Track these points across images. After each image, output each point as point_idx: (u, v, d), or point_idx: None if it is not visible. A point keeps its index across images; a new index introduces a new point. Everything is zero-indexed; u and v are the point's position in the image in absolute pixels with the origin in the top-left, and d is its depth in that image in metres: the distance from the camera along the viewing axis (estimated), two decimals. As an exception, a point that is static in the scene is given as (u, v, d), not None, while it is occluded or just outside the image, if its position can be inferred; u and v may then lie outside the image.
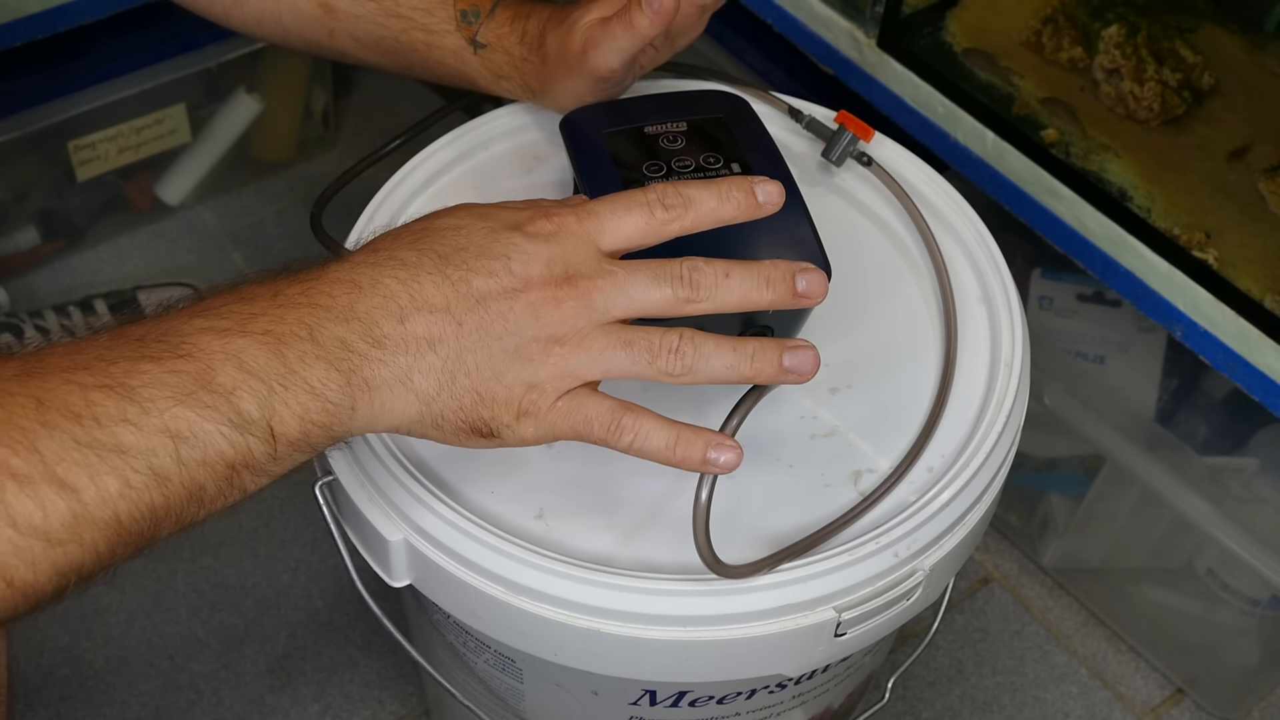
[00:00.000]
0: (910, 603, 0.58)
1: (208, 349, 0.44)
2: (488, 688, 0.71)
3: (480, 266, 0.49)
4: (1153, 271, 0.81)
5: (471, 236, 0.50)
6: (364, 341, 0.47)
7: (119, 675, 1.01)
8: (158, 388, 0.43)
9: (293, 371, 0.46)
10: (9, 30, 1.02)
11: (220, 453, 0.44)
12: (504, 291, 0.49)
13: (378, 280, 0.49)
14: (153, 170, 1.28)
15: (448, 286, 0.49)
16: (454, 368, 0.49)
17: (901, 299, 0.67)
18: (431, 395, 0.49)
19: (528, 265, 0.50)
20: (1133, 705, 1.03)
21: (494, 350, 0.49)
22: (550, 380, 0.50)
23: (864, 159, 0.71)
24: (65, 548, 0.41)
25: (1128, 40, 0.85)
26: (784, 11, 0.99)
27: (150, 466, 0.42)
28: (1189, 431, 0.97)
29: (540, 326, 0.49)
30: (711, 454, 0.50)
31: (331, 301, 0.48)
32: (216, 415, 0.44)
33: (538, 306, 0.49)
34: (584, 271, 0.50)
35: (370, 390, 0.48)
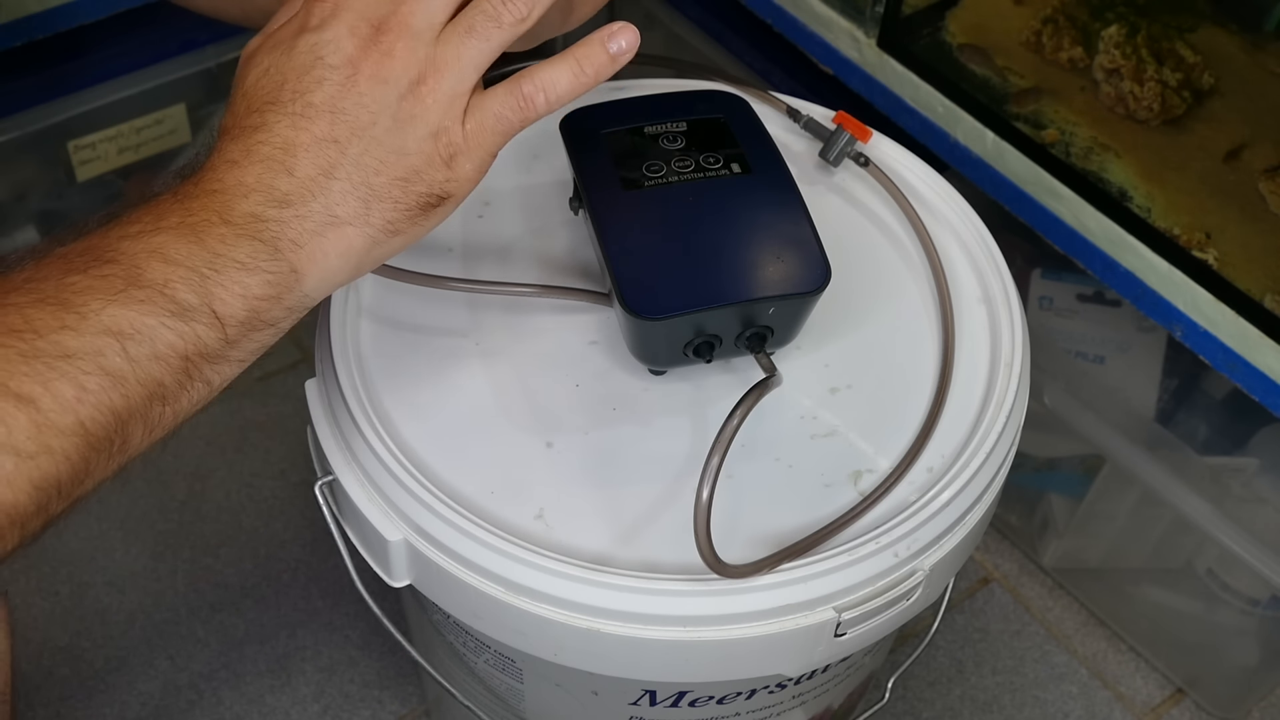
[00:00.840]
0: (910, 603, 0.58)
1: (130, 251, 0.45)
2: (488, 688, 0.71)
3: (307, 84, 0.49)
4: (1153, 271, 0.81)
5: (281, 68, 0.50)
6: (271, 206, 0.48)
7: (119, 675, 1.01)
8: (89, 294, 0.44)
9: (217, 254, 0.46)
10: (9, 30, 1.02)
11: (169, 344, 0.44)
12: (342, 85, 0.49)
13: (248, 149, 0.49)
14: (153, 170, 1.27)
15: (300, 120, 0.49)
16: (363, 176, 0.49)
17: (901, 299, 0.67)
18: (362, 213, 0.49)
19: (340, 48, 0.50)
20: (1133, 705, 1.03)
21: (380, 136, 0.49)
22: (443, 116, 0.50)
23: (862, 159, 0.71)
24: (37, 460, 0.41)
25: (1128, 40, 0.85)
26: (784, 11, 0.99)
27: (100, 367, 0.43)
28: (1189, 431, 0.97)
29: (394, 85, 0.49)
30: (611, 47, 0.54)
31: (222, 184, 0.48)
32: (154, 309, 0.44)
33: (376, 72, 0.49)
34: (383, 11, 0.50)
35: (302, 247, 0.48)
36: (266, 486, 1.12)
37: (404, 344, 0.63)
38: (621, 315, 0.59)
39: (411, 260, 0.65)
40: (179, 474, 1.12)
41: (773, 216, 0.61)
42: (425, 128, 0.50)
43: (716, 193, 0.61)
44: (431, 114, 0.50)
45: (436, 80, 0.50)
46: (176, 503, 1.10)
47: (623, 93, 0.73)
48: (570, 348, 0.64)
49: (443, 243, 0.68)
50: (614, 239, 0.59)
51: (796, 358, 0.64)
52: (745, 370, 0.63)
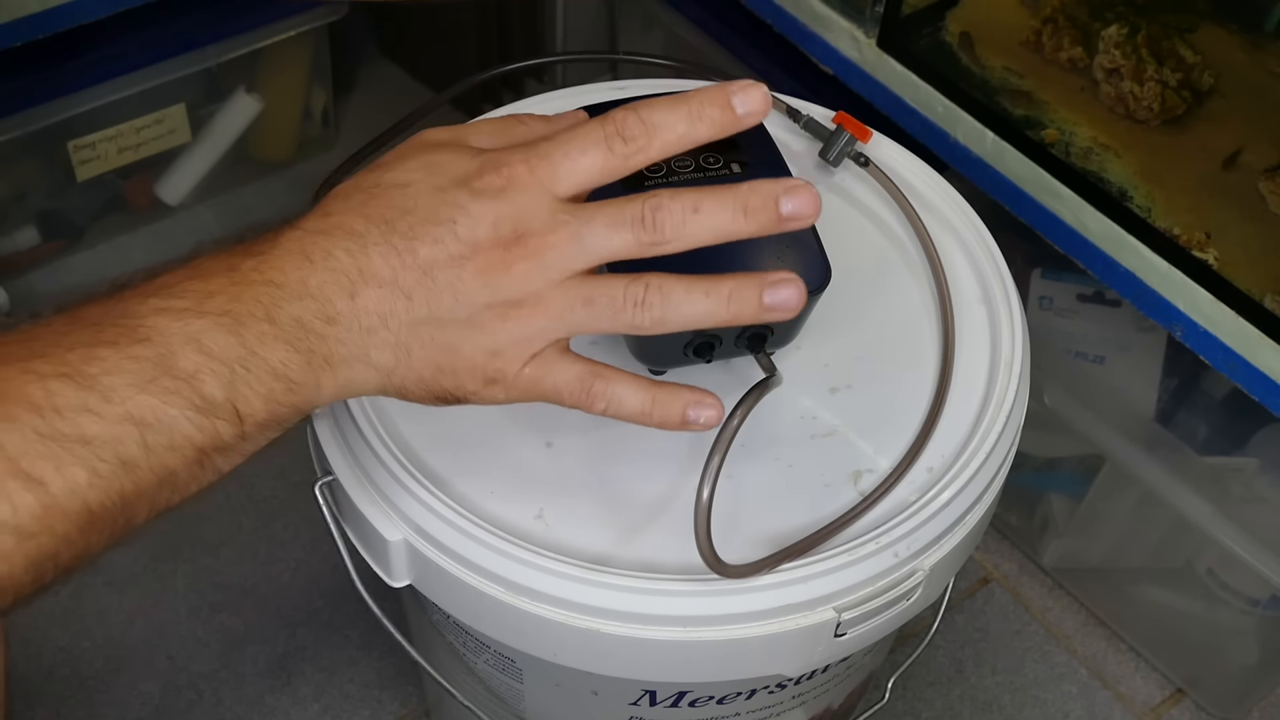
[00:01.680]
0: (910, 603, 0.58)
1: (166, 332, 0.43)
2: (488, 688, 0.71)
3: (426, 233, 0.47)
4: (1153, 271, 0.81)
5: (419, 198, 0.48)
6: (319, 320, 0.46)
7: (119, 675, 1.01)
8: (118, 375, 0.42)
9: (253, 354, 0.45)
10: (9, 30, 1.02)
11: (187, 437, 0.43)
12: (450, 259, 0.47)
13: (329, 252, 0.47)
14: (153, 170, 1.28)
15: (394, 257, 0.47)
16: (408, 341, 0.47)
17: (901, 299, 0.67)
18: (390, 368, 0.48)
19: (474, 228, 0.47)
20: (1133, 705, 1.03)
21: (446, 322, 0.47)
22: (512, 346, 0.48)
23: (861, 159, 0.71)
24: (38, 540, 0.40)
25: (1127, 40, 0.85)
26: (784, 11, 0.99)
27: (117, 455, 0.42)
28: (1189, 431, 0.97)
29: (491, 293, 0.47)
30: (691, 413, 0.50)
31: (284, 278, 0.46)
32: (180, 400, 0.43)
33: (486, 273, 0.47)
34: (535, 228, 0.47)
35: (332, 367, 0.47)
36: (266, 486, 1.12)
37: (404, 344, 0.63)
38: (621, 315, 0.59)
39: (411, 260, 0.65)
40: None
41: (773, 216, 0.61)
42: (489, 343, 0.48)
43: (716, 193, 0.61)
44: (501, 337, 0.48)
45: (529, 316, 0.48)
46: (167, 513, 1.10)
47: (623, 93, 0.73)
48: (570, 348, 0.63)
49: (443, 243, 0.68)
50: (614, 239, 0.59)
51: (796, 358, 0.64)
52: (745, 370, 0.63)
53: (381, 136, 0.71)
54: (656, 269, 0.49)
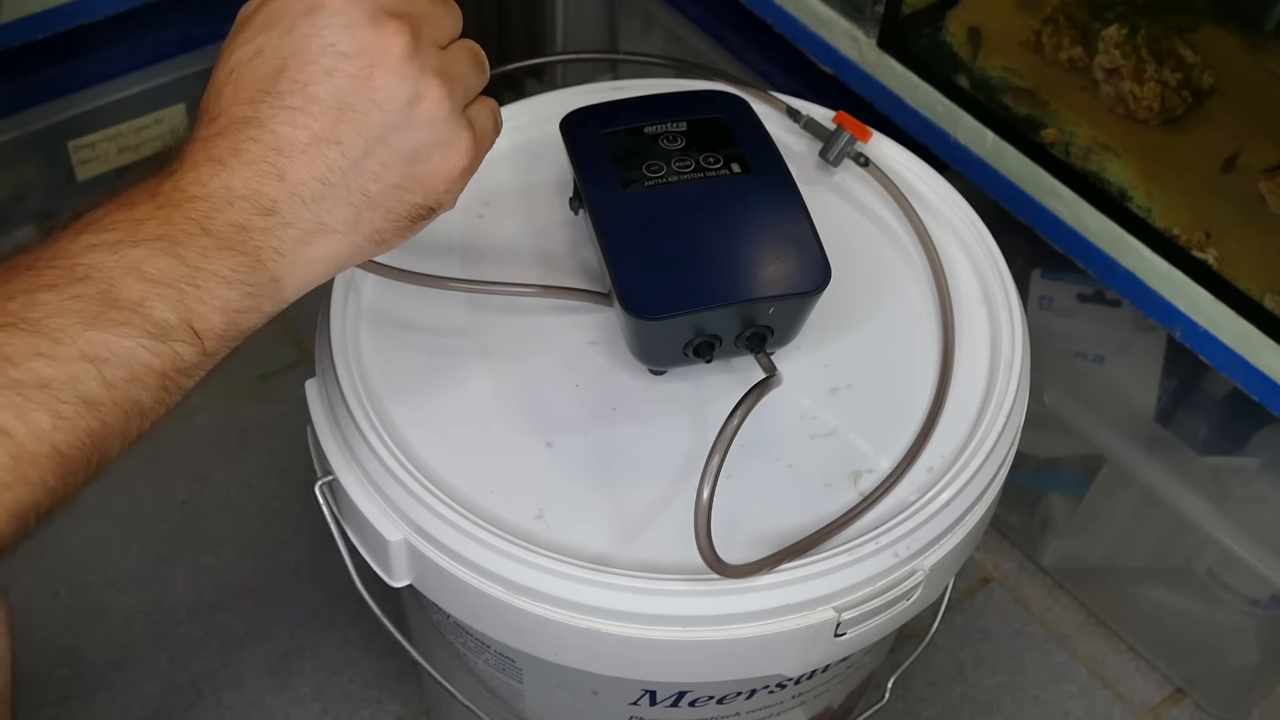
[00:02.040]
0: (910, 603, 0.58)
1: (103, 266, 0.43)
2: (488, 688, 0.71)
3: (311, 73, 0.45)
4: (1153, 271, 0.81)
5: (278, 50, 0.46)
6: (256, 215, 0.45)
7: (119, 675, 1.01)
8: (63, 315, 0.42)
9: (197, 269, 0.44)
10: (9, 30, 1.02)
11: (146, 365, 0.43)
12: (353, 79, 0.46)
13: (234, 149, 0.45)
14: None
15: (300, 116, 0.45)
16: (360, 184, 0.46)
17: (902, 299, 0.67)
18: (353, 222, 0.47)
19: (355, 36, 0.46)
20: (1133, 705, 1.03)
21: (389, 139, 0.46)
22: (454, 121, 0.48)
23: (861, 159, 0.71)
24: (13, 490, 0.40)
25: (1127, 40, 0.85)
26: (784, 11, 0.99)
27: (77, 394, 0.41)
28: (1189, 431, 0.97)
29: (412, 83, 0.46)
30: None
31: (205, 189, 0.45)
32: (131, 330, 0.42)
33: (395, 68, 0.46)
34: (401, 7, 0.47)
35: (285, 255, 0.46)
36: (266, 486, 1.12)
37: (404, 344, 0.63)
38: (621, 315, 0.59)
39: (411, 260, 0.65)
40: (179, 474, 1.12)
41: (773, 216, 0.61)
42: (436, 133, 0.47)
43: (716, 193, 0.61)
44: (442, 119, 0.47)
45: (452, 83, 0.47)
46: (176, 503, 1.10)
47: (623, 92, 0.73)
48: (570, 348, 0.64)
49: (443, 243, 0.68)
50: (614, 239, 0.59)
51: (796, 358, 0.64)
52: (745, 370, 0.63)
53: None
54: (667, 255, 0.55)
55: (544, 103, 0.74)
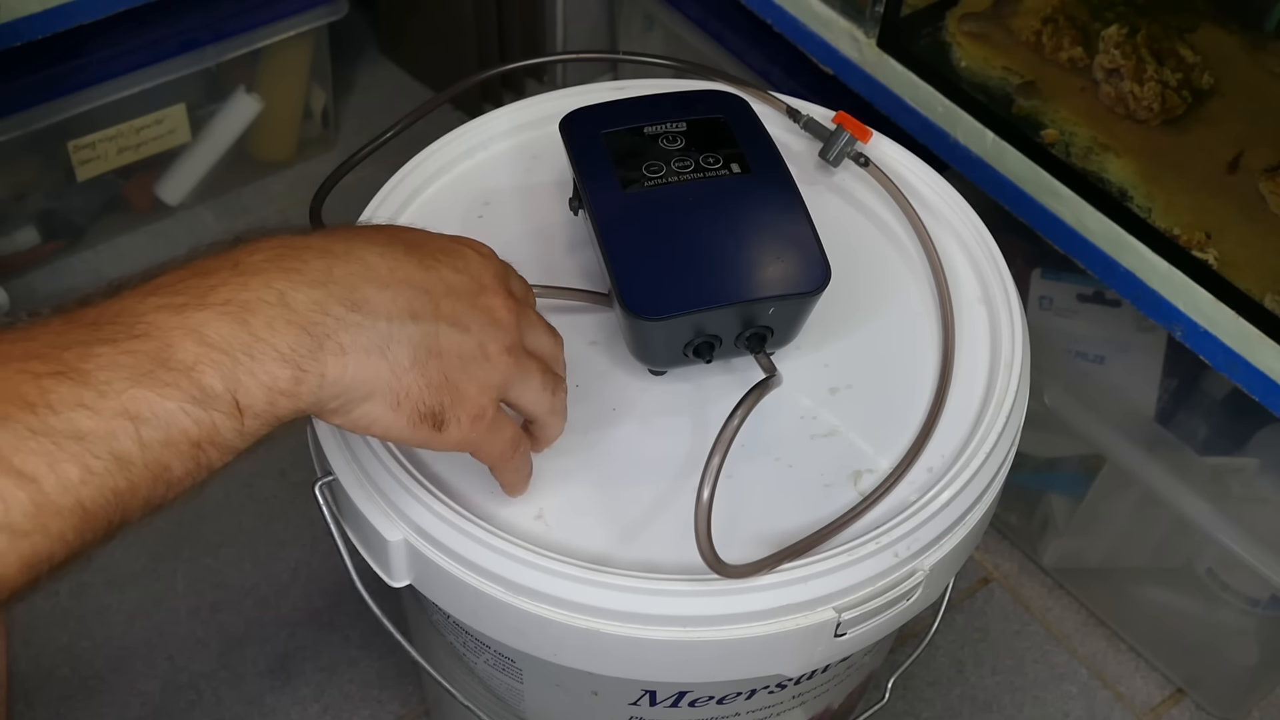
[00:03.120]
0: (910, 603, 0.58)
1: (164, 326, 0.43)
2: (488, 688, 0.71)
3: (448, 261, 0.51)
4: (1153, 271, 0.81)
5: (429, 238, 0.52)
6: (341, 305, 0.46)
7: (119, 675, 1.01)
8: (114, 369, 0.41)
9: (259, 340, 0.44)
10: (9, 30, 1.02)
11: (184, 431, 0.42)
12: (468, 288, 0.51)
13: (353, 250, 0.48)
14: (153, 170, 1.28)
15: (424, 270, 0.49)
16: (430, 344, 0.48)
17: (902, 299, 0.67)
18: (404, 367, 0.48)
19: (482, 271, 0.52)
20: (1133, 705, 1.03)
21: (465, 340, 0.50)
22: (498, 387, 0.51)
23: (861, 160, 0.71)
24: (31, 539, 0.40)
25: (1128, 40, 0.85)
26: (784, 11, 0.99)
27: (111, 450, 0.41)
28: (1189, 431, 0.97)
29: (498, 330, 0.51)
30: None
31: (303, 266, 0.46)
32: (177, 393, 0.42)
33: (494, 310, 0.51)
34: (515, 293, 0.53)
35: (344, 355, 0.46)
36: (266, 486, 1.12)
37: (404, 344, 0.63)
38: (621, 315, 0.59)
39: (411, 260, 0.65)
40: (179, 474, 1.12)
41: (773, 216, 0.61)
42: (486, 377, 0.51)
43: (716, 193, 0.61)
44: (496, 375, 0.51)
45: (515, 364, 0.52)
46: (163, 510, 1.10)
47: (623, 93, 0.73)
48: (570, 348, 0.63)
49: (443, 243, 0.68)
50: (614, 239, 0.59)
51: (796, 358, 0.64)
52: (745, 370, 0.63)
53: (382, 137, 0.71)
54: (667, 256, 0.57)
55: (544, 103, 0.74)
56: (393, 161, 0.71)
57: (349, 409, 0.48)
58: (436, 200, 0.70)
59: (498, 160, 0.73)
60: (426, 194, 0.70)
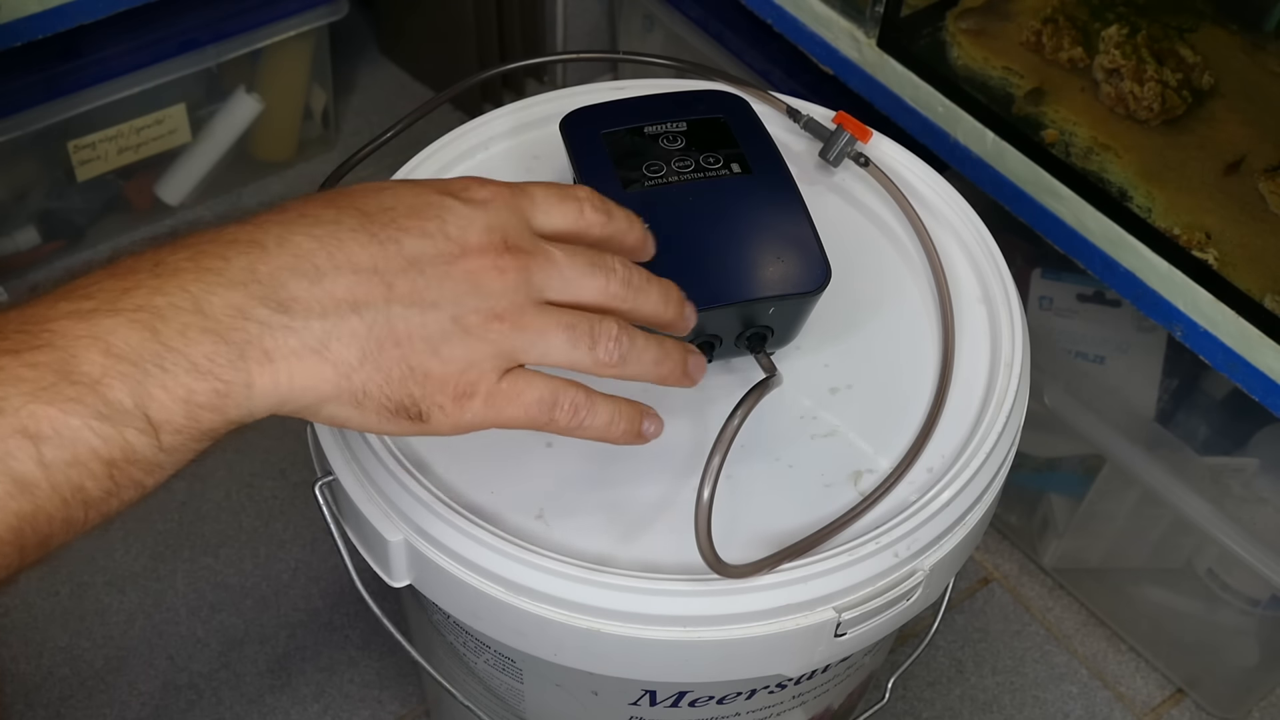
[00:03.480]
0: (910, 603, 0.58)
1: (69, 334, 0.39)
2: (488, 688, 0.71)
3: (412, 226, 0.45)
4: (1153, 271, 0.81)
5: (399, 196, 0.46)
6: (264, 307, 0.42)
7: (119, 675, 1.01)
8: (12, 384, 0.38)
9: (171, 349, 0.40)
10: (9, 30, 1.02)
11: (92, 449, 0.39)
12: (440, 255, 0.45)
13: (286, 238, 0.43)
14: (153, 170, 1.28)
15: (374, 245, 0.44)
16: (382, 335, 0.43)
17: (902, 299, 0.67)
18: (353, 365, 0.43)
19: (465, 229, 0.45)
20: (1133, 705, 1.03)
21: (429, 319, 0.44)
22: (491, 358, 0.45)
23: (861, 160, 0.71)
24: None
25: (1128, 40, 0.85)
26: (784, 11, 0.99)
27: (9, 472, 0.37)
28: (1189, 431, 0.97)
29: (481, 297, 0.45)
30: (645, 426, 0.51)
31: (225, 265, 0.42)
32: (81, 408, 0.38)
33: (477, 274, 0.45)
34: (523, 245, 0.46)
35: (271, 362, 0.42)
36: (266, 486, 1.12)
37: (404, 344, 0.63)
38: (621, 315, 0.59)
39: (411, 260, 0.65)
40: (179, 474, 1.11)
41: (773, 216, 0.61)
42: (469, 352, 0.45)
43: (716, 193, 0.61)
44: (484, 346, 0.45)
45: (512, 329, 0.46)
46: (176, 503, 1.10)
47: (623, 93, 0.73)
48: (570, 348, 0.63)
49: (443, 243, 0.68)
50: (614, 239, 0.59)
51: (796, 358, 0.64)
52: (745, 370, 0.63)
53: (382, 137, 0.71)
54: (667, 256, 0.53)
55: (544, 103, 0.74)
56: (393, 161, 0.71)
57: (310, 412, 0.44)
58: (436, 200, 0.70)
59: (498, 160, 0.73)
60: (426, 194, 0.70)
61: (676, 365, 0.51)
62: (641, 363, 0.49)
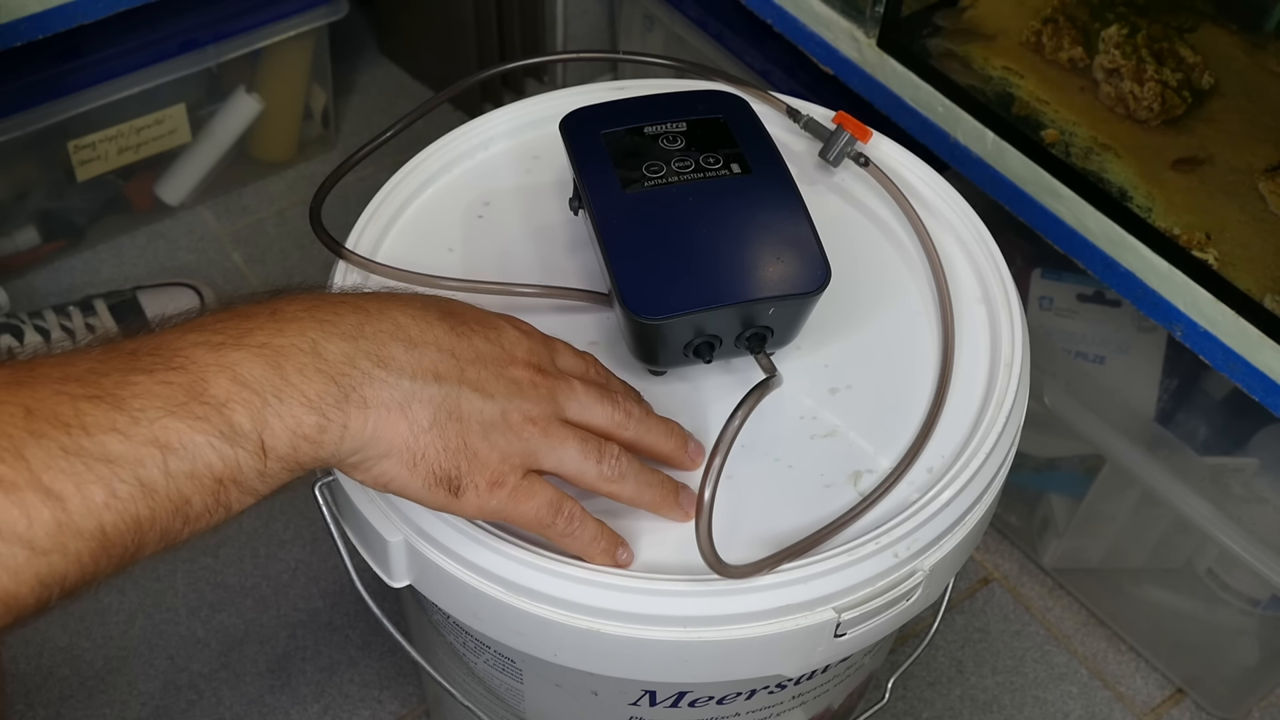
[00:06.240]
0: (910, 603, 0.58)
1: (201, 361, 0.44)
2: (488, 688, 0.71)
3: (479, 331, 0.52)
4: (1153, 271, 0.81)
5: (468, 311, 0.53)
6: (368, 360, 0.48)
7: (119, 675, 1.01)
8: (148, 398, 0.43)
9: (289, 384, 0.45)
10: (9, 30, 1.02)
11: (209, 465, 0.43)
12: (497, 358, 0.52)
13: (386, 310, 0.50)
14: (153, 170, 1.28)
15: (454, 335, 0.51)
16: (451, 407, 0.50)
17: (902, 299, 0.67)
18: (423, 427, 0.49)
19: (515, 345, 0.53)
20: (1133, 705, 1.03)
21: (486, 407, 0.51)
22: (520, 456, 0.52)
23: (861, 159, 0.71)
24: (49, 557, 0.40)
25: (1128, 40, 0.85)
26: (784, 11, 0.99)
27: (137, 477, 0.42)
28: (1189, 431, 0.97)
29: (521, 401, 0.52)
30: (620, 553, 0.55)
31: (337, 319, 0.48)
32: (207, 427, 0.43)
33: (521, 382, 0.52)
34: (550, 370, 0.54)
35: (366, 409, 0.47)
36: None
37: (404, 344, 0.63)
38: (621, 316, 0.59)
39: (412, 259, 0.65)
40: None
41: (772, 217, 0.61)
42: (507, 445, 0.51)
43: (716, 193, 0.61)
44: (518, 443, 0.51)
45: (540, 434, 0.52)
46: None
47: (623, 93, 0.73)
48: (570, 348, 0.63)
49: (443, 242, 0.68)
50: (614, 239, 0.59)
51: (796, 358, 0.64)
52: (745, 370, 0.63)
53: (381, 136, 0.72)
54: (667, 256, 0.58)
55: (544, 103, 0.74)
56: (393, 161, 0.71)
57: (369, 465, 0.49)
58: (436, 200, 0.70)
59: (498, 160, 0.73)
60: (426, 194, 0.70)
61: (669, 494, 0.56)
62: (638, 484, 0.55)
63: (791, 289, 0.58)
